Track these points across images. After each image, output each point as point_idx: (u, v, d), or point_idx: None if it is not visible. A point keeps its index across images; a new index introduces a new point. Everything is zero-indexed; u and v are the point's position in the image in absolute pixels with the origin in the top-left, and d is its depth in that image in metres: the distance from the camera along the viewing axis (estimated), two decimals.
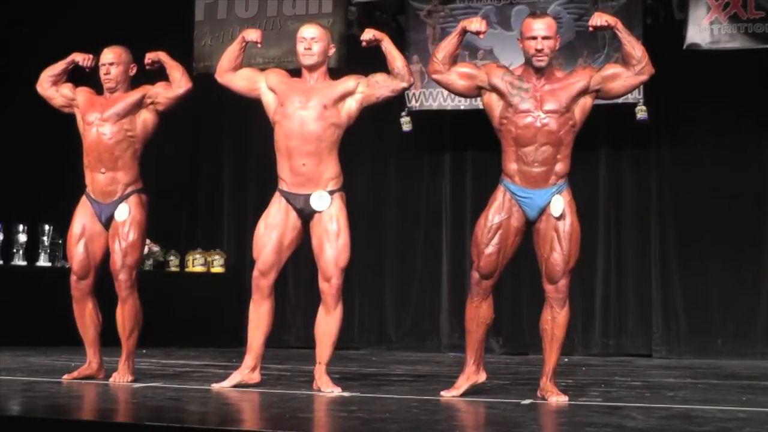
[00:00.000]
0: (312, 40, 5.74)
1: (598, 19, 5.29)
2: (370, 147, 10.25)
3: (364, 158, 10.24)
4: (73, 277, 6.03)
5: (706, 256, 9.56)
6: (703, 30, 9.01)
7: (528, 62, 5.30)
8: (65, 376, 5.95)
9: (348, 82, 5.75)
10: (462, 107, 9.57)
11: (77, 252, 6.02)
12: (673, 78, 9.38)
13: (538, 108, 5.23)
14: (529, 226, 5.32)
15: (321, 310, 5.69)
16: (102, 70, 6.12)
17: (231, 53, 5.92)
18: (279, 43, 9.98)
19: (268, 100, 5.80)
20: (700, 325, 9.57)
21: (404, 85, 5.73)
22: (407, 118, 9.82)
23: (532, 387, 5.52)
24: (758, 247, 9.50)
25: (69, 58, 6.23)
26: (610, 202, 9.93)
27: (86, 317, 6.05)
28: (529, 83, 5.27)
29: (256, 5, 10.22)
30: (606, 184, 9.91)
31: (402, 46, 9.85)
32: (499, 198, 5.31)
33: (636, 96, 9.25)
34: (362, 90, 5.73)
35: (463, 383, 5.36)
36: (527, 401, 5.17)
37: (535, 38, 5.23)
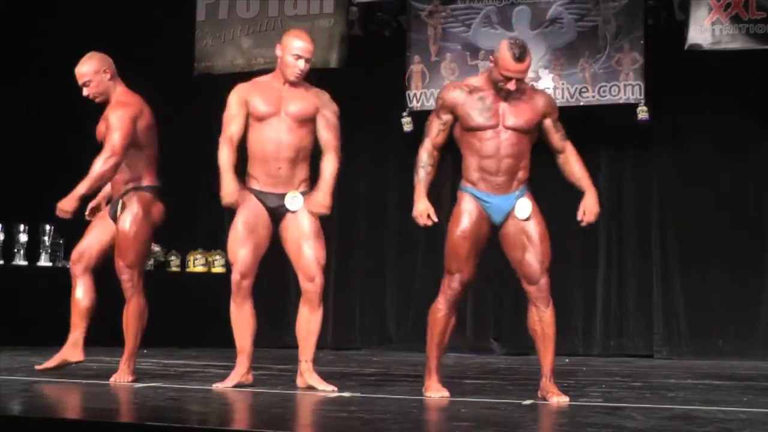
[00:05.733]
0: (307, 61, 5.72)
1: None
2: (370, 147, 10.25)
3: (365, 158, 10.24)
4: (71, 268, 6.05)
5: (707, 257, 9.56)
6: (704, 30, 9.01)
7: (495, 84, 5.27)
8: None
9: (317, 103, 5.74)
10: None
11: (80, 245, 6.06)
12: (674, 78, 9.40)
13: (501, 123, 5.29)
14: (495, 231, 5.36)
15: (305, 309, 5.69)
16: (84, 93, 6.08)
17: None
18: None
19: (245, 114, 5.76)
20: (701, 326, 9.57)
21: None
22: (408, 119, 9.82)
23: (532, 387, 5.51)
24: (759, 247, 9.50)
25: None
26: (611, 203, 9.92)
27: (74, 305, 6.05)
28: (490, 97, 5.29)
29: (257, 5, 10.23)
30: (607, 184, 9.89)
31: (403, 46, 9.88)
32: (465, 206, 5.38)
33: (637, 96, 9.26)
34: (321, 122, 5.75)
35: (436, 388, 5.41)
36: (528, 402, 5.16)
37: (511, 79, 5.22)
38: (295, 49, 5.70)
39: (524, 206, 5.31)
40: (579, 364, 8.35)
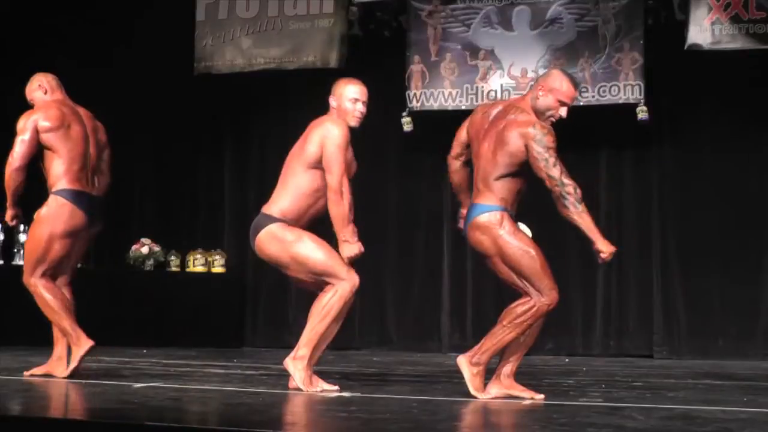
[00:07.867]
0: (365, 104, 5.79)
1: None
2: (370, 147, 10.21)
3: (364, 158, 10.18)
4: None
5: (707, 257, 9.56)
6: (704, 30, 9.01)
7: (544, 113, 5.28)
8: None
9: None
10: (463, 107, 9.57)
11: None
12: (674, 78, 9.40)
13: None
14: None
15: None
16: None
17: None
18: (280, 43, 9.96)
19: None
20: (701, 326, 9.57)
21: None
22: (408, 118, 9.82)
23: (533, 387, 5.50)
24: (759, 247, 9.50)
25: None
26: (611, 203, 9.92)
27: None
28: None
29: (257, 5, 10.22)
30: (607, 184, 9.90)
31: (403, 46, 9.88)
32: (514, 225, 5.30)
33: (637, 96, 9.26)
34: None
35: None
36: (528, 401, 5.16)
37: (567, 105, 5.27)
38: (352, 93, 5.75)
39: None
40: (579, 364, 8.36)
